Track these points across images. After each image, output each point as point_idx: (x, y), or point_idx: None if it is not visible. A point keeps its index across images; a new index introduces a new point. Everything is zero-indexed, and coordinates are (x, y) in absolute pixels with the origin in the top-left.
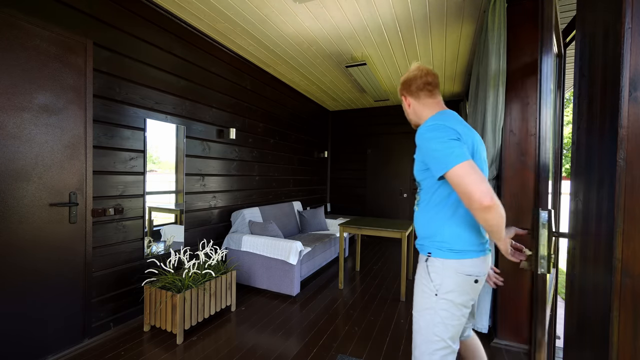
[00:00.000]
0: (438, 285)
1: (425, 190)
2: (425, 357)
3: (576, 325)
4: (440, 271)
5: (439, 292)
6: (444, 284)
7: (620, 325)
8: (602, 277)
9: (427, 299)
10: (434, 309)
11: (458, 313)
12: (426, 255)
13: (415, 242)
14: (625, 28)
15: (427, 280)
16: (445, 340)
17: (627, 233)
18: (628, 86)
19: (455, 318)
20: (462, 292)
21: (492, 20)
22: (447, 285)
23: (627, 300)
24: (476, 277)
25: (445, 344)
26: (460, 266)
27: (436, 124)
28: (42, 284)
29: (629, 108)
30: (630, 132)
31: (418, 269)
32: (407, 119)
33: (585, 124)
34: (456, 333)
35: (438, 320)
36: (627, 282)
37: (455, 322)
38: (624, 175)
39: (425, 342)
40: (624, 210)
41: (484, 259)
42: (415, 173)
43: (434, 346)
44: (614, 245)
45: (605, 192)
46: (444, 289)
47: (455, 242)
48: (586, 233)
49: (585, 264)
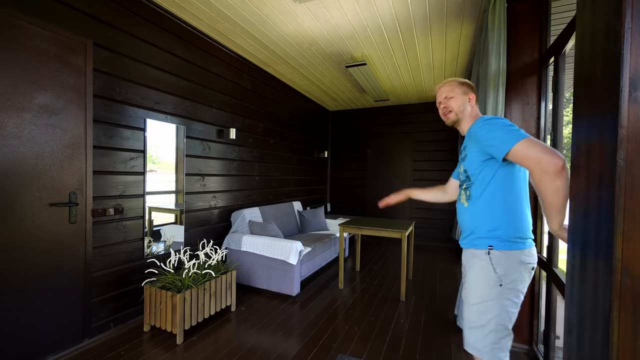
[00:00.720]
0: (502, 276)
1: (478, 183)
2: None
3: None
4: (503, 262)
5: (503, 282)
6: (508, 274)
7: (620, 325)
8: (602, 277)
9: (490, 290)
10: (497, 299)
11: (517, 301)
12: (487, 248)
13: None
14: (625, 28)
15: (490, 271)
16: (507, 327)
17: (627, 233)
18: (628, 86)
19: (515, 306)
20: (522, 280)
21: (492, 20)
22: (511, 275)
23: (627, 300)
24: (533, 265)
25: (508, 331)
26: (522, 256)
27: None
28: (42, 284)
29: (629, 108)
30: (630, 132)
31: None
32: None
33: (585, 124)
34: (514, 319)
35: (502, 309)
36: (627, 282)
37: (515, 310)
38: (624, 175)
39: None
40: (624, 210)
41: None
42: (470, 167)
43: (499, 335)
44: (614, 245)
45: (605, 192)
46: (508, 279)
47: (514, 232)
48: (586, 233)
49: (585, 264)
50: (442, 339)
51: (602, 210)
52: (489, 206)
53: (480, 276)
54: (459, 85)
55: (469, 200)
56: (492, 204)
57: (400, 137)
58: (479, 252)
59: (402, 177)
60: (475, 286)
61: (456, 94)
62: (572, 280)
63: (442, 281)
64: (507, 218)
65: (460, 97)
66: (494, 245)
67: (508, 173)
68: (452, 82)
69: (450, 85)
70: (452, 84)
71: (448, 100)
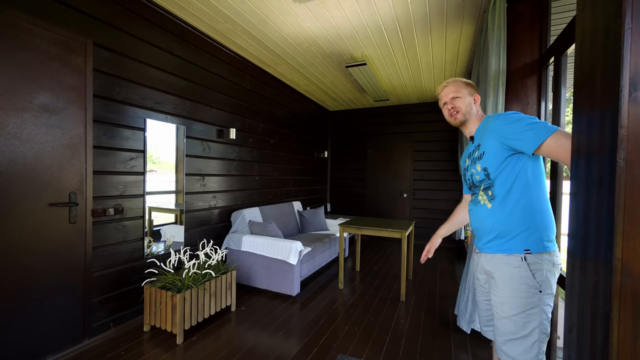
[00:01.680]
0: (541, 282)
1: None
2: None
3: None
4: (541, 267)
5: (543, 288)
6: (547, 279)
7: (620, 325)
8: (602, 277)
9: (531, 299)
10: (539, 307)
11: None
12: (523, 253)
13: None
14: (625, 28)
15: (529, 278)
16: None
17: (627, 233)
18: (628, 86)
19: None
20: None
21: (492, 20)
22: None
23: (627, 300)
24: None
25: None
26: (555, 257)
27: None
28: (42, 284)
29: (629, 108)
30: (630, 132)
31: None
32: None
33: (585, 124)
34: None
35: (545, 317)
36: (627, 282)
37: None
38: (624, 175)
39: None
40: (624, 210)
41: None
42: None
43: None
44: (614, 245)
45: (605, 192)
46: (547, 284)
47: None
48: (586, 233)
49: (585, 264)
50: (442, 339)
51: (602, 210)
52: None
53: (517, 284)
54: (465, 85)
55: (493, 201)
56: (523, 202)
57: (400, 137)
58: (512, 257)
59: (402, 177)
60: (513, 296)
61: (463, 94)
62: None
63: (442, 281)
64: (540, 217)
65: (467, 97)
66: (531, 249)
67: (535, 168)
68: (458, 82)
69: (456, 85)
70: (458, 84)
71: (455, 101)
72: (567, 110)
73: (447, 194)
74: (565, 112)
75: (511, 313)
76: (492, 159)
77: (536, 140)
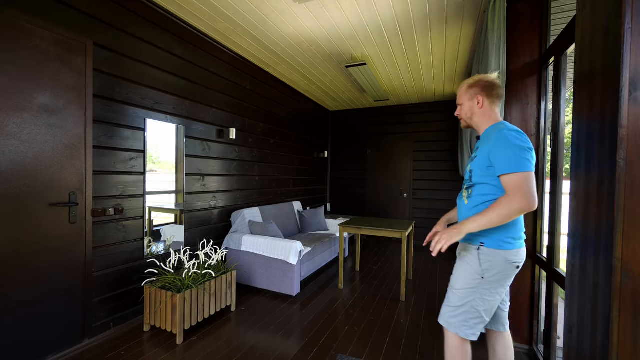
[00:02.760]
0: (485, 270)
1: (479, 186)
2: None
3: (576, 325)
4: (490, 259)
5: (485, 275)
6: (491, 269)
7: (620, 325)
8: (602, 277)
9: (472, 281)
10: (477, 289)
11: (494, 291)
12: (478, 245)
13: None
14: (625, 28)
15: (476, 265)
16: (480, 312)
17: (627, 233)
18: (628, 86)
19: (491, 295)
20: (505, 276)
21: (492, 20)
22: (494, 270)
23: (627, 300)
24: (519, 264)
25: (479, 315)
26: (509, 256)
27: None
28: (41, 284)
29: (629, 108)
30: (630, 132)
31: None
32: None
33: (585, 124)
34: (491, 308)
35: (478, 297)
36: (627, 282)
37: (491, 299)
38: (624, 175)
39: (463, 314)
40: (624, 210)
41: (524, 248)
42: (476, 169)
43: (469, 316)
44: (614, 245)
45: (605, 192)
46: (490, 273)
47: (505, 234)
48: (586, 233)
49: (585, 264)
50: (442, 339)
51: (602, 210)
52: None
53: (467, 268)
54: (467, 90)
55: (469, 199)
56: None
57: (400, 137)
58: (471, 247)
59: (402, 177)
60: (462, 275)
61: (464, 100)
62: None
63: (442, 281)
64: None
65: (467, 103)
66: (485, 243)
67: None
68: (462, 88)
69: (460, 91)
70: (462, 89)
71: (458, 108)
72: (567, 110)
73: (447, 194)
74: (565, 112)
75: (457, 287)
76: (478, 164)
77: (503, 170)
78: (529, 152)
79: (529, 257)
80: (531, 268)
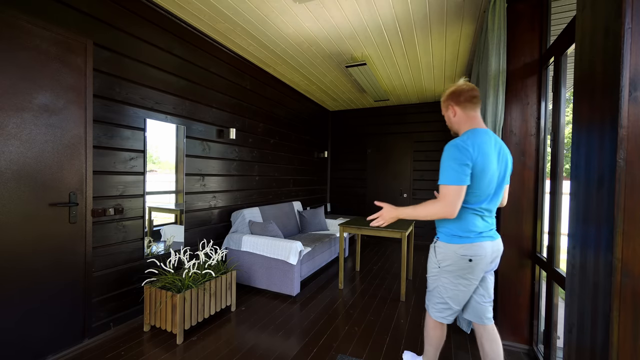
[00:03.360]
0: (440, 261)
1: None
2: (432, 307)
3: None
4: (443, 251)
5: (441, 265)
6: (444, 260)
7: (620, 325)
8: (602, 277)
9: (433, 269)
10: (437, 276)
11: (455, 281)
12: (435, 238)
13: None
14: (625, 28)
15: (433, 256)
16: (443, 298)
17: (627, 233)
18: (628, 86)
19: (452, 285)
20: (460, 268)
21: (492, 20)
22: (447, 261)
23: (627, 300)
24: (470, 257)
25: (443, 301)
26: (458, 249)
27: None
28: (42, 284)
29: (629, 108)
30: (630, 132)
31: (430, 248)
32: (449, 127)
33: (585, 124)
34: (455, 296)
35: (439, 284)
36: (627, 282)
37: (452, 287)
38: (624, 175)
39: (432, 297)
40: (624, 210)
41: (482, 244)
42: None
43: (436, 300)
44: (614, 245)
45: (605, 192)
46: (444, 264)
47: (454, 230)
48: (586, 233)
49: (585, 264)
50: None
51: (602, 211)
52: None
53: (430, 258)
54: (443, 103)
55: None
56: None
57: (400, 137)
58: (435, 241)
59: (402, 177)
60: (428, 264)
61: (444, 112)
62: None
63: None
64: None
65: (445, 115)
66: (440, 237)
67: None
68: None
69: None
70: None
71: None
72: (567, 110)
73: None
74: (565, 112)
75: (427, 274)
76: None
77: (439, 180)
78: (464, 167)
79: (528, 257)
80: (531, 268)
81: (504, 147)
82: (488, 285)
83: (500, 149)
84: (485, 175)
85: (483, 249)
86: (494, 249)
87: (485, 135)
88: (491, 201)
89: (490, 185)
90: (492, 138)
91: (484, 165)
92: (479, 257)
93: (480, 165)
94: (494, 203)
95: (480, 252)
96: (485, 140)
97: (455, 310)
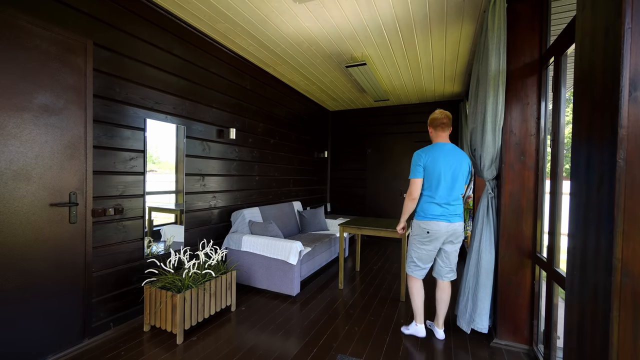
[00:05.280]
0: (412, 230)
1: None
2: (407, 265)
3: (576, 325)
4: (414, 224)
5: (411, 234)
6: (414, 230)
7: (620, 325)
8: (602, 277)
9: (410, 238)
10: (410, 241)
11: (420, 246)
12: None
13: None
14: (625, 28)
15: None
16: (412, 257)
17: (627, 233)
18: (628, 86)
19: (418, 248)
20: (421, 236)
21: (492, 20)
22: (415, 231)
23: (627, 300)
24: (427, 230)
25: (413, 260)
26: (420, 223)
27: (418, 152)
28: (42, 284)
29: (629, 108)
30: (630, 132)
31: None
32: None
33: (585, 124)
34: (419, 257)
35: (410, 247)
36: (627, 282)
37: (417, 250)
38: (624, 175)
39: (408, 257)
40: (624, 210)
41: (438, 223)
42: None
43: (409, 260)
44: (614, 245)
45: (605, 192)
46: (413, 233)
47: (421, 212)
48: (586, 233)
49: (585, 264)
50: (442, 339)
51: (602, 211)
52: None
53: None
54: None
55: None
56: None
57: (400, 137)
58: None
59: (402, 177)
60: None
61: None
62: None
63: None
64: (421, 204)
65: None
66: (415, 217)
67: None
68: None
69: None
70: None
71: None
72: (567, 110)
73: None
74: (565, 112)
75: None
76: None
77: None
78: (418, 167)
79: (528, 257)
80: (531, 268)
81: (460, 156)
82: (450, 257)
83: (453, 157)
84: (433, 173)
85: (438, 226)
86: (449, 229)
87: (441, 146)
88: (449, 195)
89: (439, 181)
90: (446, 149)
91: (432, 166)
92: (435, 232)
93: (430, 167)
94: (452, 197)
95: (435, 227)
96: (437, 150)
97: (422, 268)
